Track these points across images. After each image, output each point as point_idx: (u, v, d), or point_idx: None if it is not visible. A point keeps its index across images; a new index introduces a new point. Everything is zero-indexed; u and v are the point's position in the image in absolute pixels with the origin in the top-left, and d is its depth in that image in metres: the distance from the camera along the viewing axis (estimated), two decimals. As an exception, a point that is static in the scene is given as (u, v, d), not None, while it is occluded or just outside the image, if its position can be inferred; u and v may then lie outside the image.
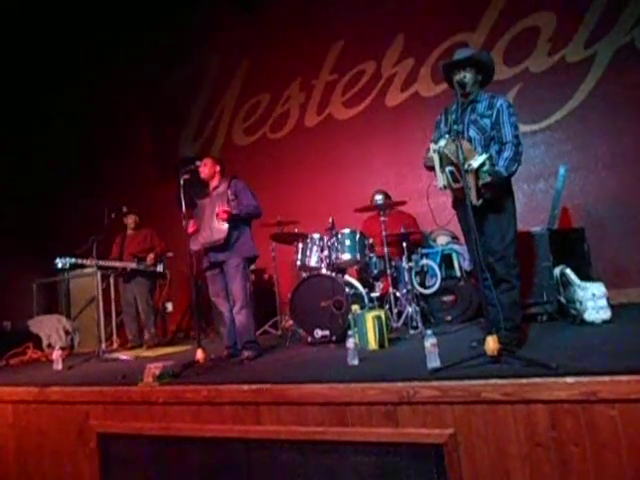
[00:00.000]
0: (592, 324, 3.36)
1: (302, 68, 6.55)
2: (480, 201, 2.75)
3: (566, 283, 3.66)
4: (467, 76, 2.97)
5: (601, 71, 4.98)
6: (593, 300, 3.39)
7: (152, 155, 7.52)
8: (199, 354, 3.38)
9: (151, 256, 5.50)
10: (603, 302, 3.39)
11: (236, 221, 3.81)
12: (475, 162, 2.69)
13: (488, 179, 2.72)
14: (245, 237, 3.89)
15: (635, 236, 4.76)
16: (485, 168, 2.71)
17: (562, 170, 4.42)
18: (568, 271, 3.65)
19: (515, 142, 2.90)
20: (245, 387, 2.70)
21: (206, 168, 3.97)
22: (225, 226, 3.74)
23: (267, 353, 3.92)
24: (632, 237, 4.77)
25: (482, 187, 2.74)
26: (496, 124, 2.93)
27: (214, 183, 4.01)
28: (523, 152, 2.96)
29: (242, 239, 3.86)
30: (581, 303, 3.43)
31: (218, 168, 4.02)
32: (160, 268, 5.60)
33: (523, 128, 4.86)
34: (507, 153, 2.88)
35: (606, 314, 3.38)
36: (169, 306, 6.48)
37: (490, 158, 2.76)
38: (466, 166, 2.63)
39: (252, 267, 4.54)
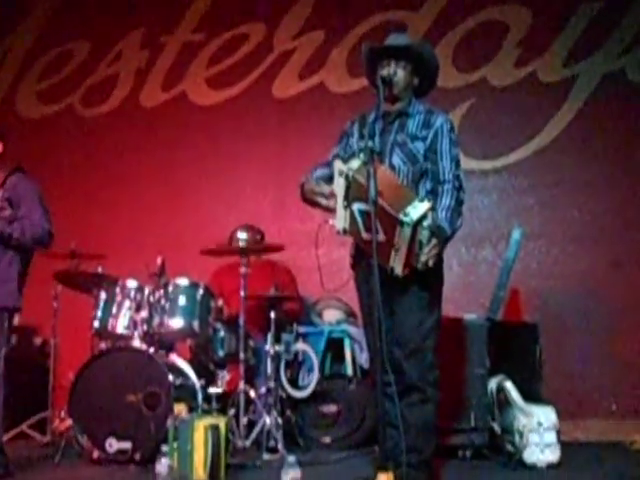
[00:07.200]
0: (533, 468, 3.60)
1: (149, 14, 6.58)
2: (406, 271, 2.79)
3: (504, 403, 3.89)
4: (398, 72, 3.12)
5: (582, 101, 5.46)
6: (538, 433, 3.64)
7: None
8: None
9: None
10: (552, 437, 3.66)
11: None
12: (415, 211, 2.67)
13: (430, 239, 2.73)
14: (10, 274, 3.75)
15: (605, 345, 5.16)
16: (426, 223, 2.71)
17: (516, 234, 4.70)
18: (509, 386, 3.88)
19: (456, 184, 3.06)
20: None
21: None
22: None
23: (18, 473, 3.75)
24: (601, 346, 5.17)
25: (419, 251, 2.73)
26: (431, 152, 3.08)
27: None
28: (465, 200, 3.12)
29: (5, 276, 3.72)
30: (522, 435, 3.66)
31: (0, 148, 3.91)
32: None
33: (469, 164, 5.20)
34: (447, 200, 3.00)
35: (554, 455, 3.64)
36: None
37: (432, 207, 2.78)
38: (401, 216, 2.64)
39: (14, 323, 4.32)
